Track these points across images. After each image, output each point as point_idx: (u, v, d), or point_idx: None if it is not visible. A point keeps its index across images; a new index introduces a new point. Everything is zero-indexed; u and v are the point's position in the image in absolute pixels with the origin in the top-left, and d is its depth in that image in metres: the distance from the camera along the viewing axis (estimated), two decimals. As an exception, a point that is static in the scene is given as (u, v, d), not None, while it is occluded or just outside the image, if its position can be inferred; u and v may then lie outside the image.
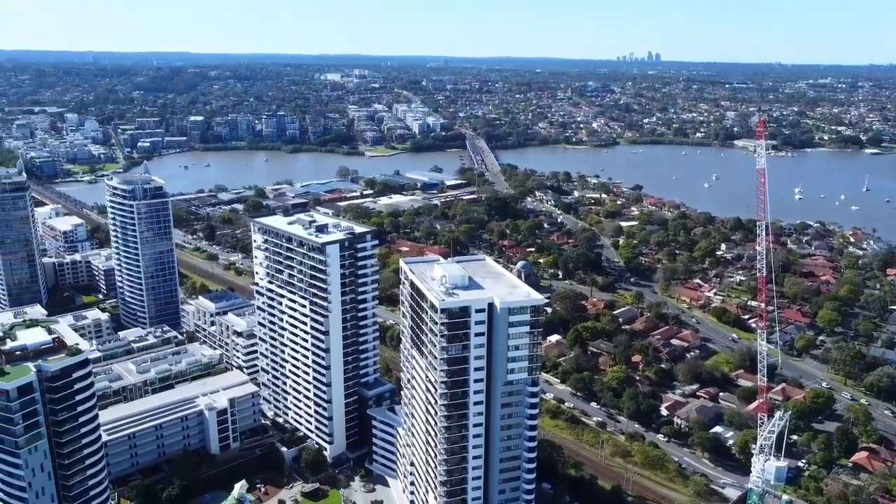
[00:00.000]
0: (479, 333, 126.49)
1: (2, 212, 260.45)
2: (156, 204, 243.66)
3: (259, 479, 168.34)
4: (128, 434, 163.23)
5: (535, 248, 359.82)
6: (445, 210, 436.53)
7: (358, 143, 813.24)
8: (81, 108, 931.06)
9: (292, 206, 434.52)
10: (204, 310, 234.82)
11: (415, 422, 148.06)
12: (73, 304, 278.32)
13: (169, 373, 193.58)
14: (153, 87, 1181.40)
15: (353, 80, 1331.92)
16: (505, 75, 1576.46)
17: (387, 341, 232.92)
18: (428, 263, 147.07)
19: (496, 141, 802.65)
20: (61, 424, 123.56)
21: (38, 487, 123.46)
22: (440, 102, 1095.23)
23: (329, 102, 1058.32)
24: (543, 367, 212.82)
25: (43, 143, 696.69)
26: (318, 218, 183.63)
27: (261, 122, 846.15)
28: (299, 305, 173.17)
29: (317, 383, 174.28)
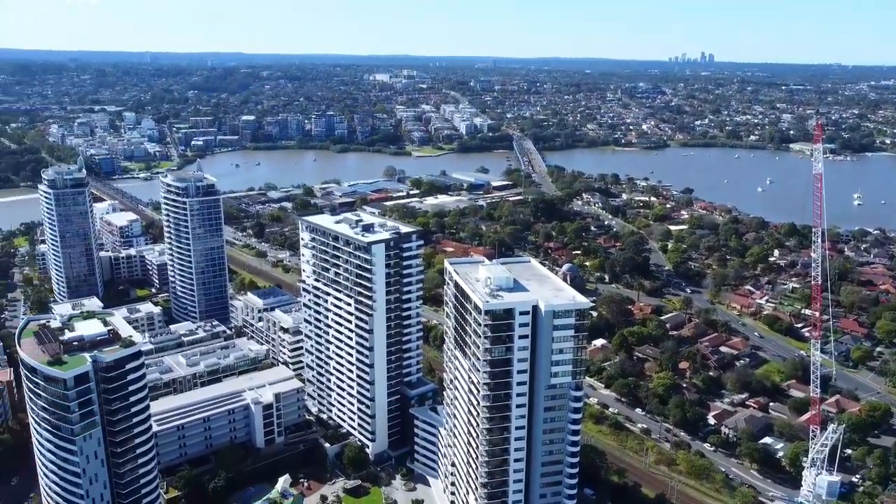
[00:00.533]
0: (523, 336, 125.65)
1: (63, 207, 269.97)
2: (208, 201, 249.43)
3: (302, 473, 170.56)
4: (177, 425, 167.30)
5: (582, 250, 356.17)
6: (491, 211, 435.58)
7: (405, 143, 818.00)
8: (139, 107, 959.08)
9: (339, 205, 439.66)
10: (252, 306, 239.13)
11: (457, 422, 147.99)
12: (127, 297, 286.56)
13: (217, 366, 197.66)
14: (207, 87, 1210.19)
15: (401, 80, 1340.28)
16: (554, 76, 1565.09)
17: (430, 341, 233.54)
18: (472, 264, 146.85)
19: (543, 142, 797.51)
20: (114, 414, 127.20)
21: (92, 474, 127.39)
22: (487, 103, 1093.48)
23: (377, 103, 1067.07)
24: (588, 372, 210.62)
25: (102, 141, 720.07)
26: (364, 217, 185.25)
27: (310, 122, 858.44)
28: (344, 303, 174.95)
29: (360, 381, 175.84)
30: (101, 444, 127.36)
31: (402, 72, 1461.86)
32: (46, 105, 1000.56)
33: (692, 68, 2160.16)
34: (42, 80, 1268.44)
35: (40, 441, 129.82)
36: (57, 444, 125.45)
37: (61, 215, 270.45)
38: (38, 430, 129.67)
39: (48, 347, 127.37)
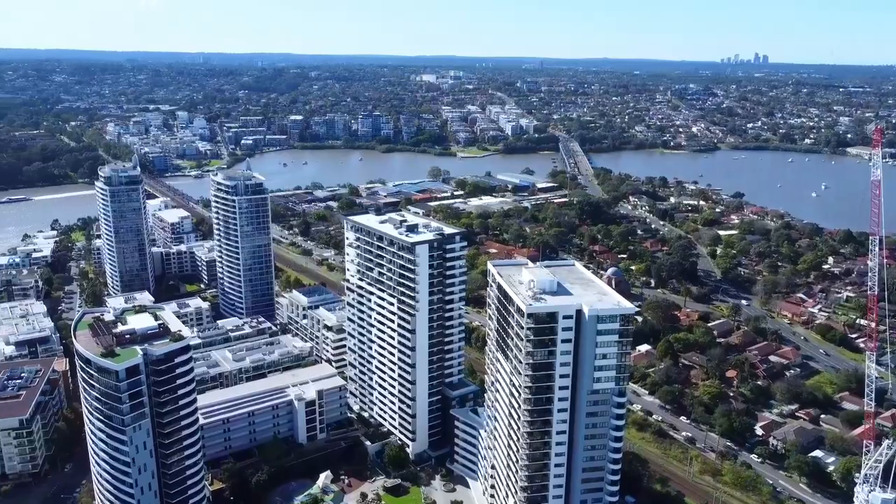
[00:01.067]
0: (566, 340, 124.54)
1: (117, 203, 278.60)
2: (256, 199, 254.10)
3: (343, 470, 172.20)
4: (223, 419, 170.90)
5: (628, 254, 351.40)
6: (536, 213, 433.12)
7: (450, 143, 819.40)
8: (191, 107, 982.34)
9: (384, 204, 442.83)
10: (297, 303, 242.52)
11: (497, 425, 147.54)
12: (177, 292, 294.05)
13: (262, 362, 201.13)
14: (257, 87, 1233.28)
15: (447, 81, 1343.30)
16: (602, 77, 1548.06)
17: (472, 342, 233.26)
18: (516, 267, 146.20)
19: (590, 144, 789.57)
20: (163, 406, 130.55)
21: (141, 463, 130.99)
22: (534, 104, 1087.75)
23: (423, 103, 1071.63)
24: (631, 378, 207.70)
25: (156, 140, 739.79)
26: (408, 218, 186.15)
27: (356, 122, 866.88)
28: (388, 303, 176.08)
29: (402, 381, 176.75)
30: (149, 435, 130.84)
31: (449, 72, 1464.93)
32: (104, 104, 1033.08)
33: (745, 69, 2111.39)
34: (100, 79, 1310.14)
35: (93, 430, 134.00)
36: (108, 433, 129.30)
37: (116, 211, 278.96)
38: (91, 419, 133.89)
39: (102, 340, 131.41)
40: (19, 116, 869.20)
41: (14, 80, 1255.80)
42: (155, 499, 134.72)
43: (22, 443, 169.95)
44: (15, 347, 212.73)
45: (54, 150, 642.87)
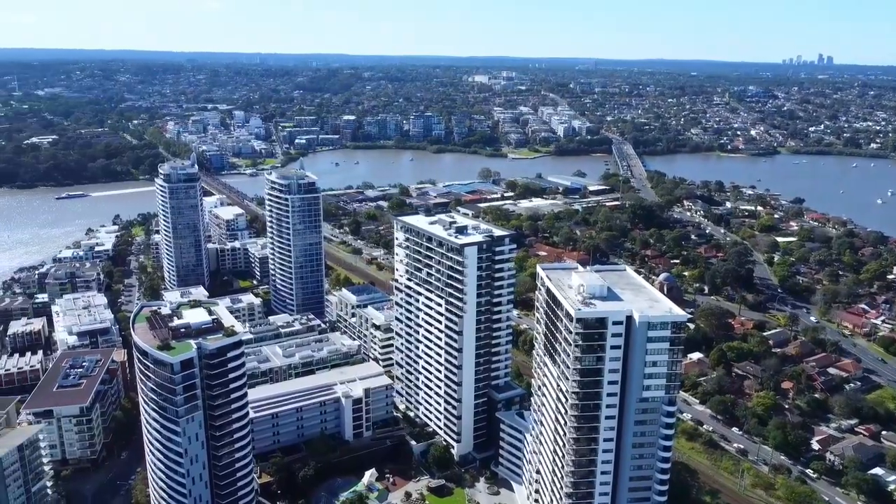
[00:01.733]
0: (616, 346, 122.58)
1: (175, 200, 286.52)
2: (308, 198, 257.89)
3: (388, 469, 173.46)
4: (272, 413, 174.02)
5: (681, 259, 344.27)
6: (587, 216, 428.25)
7: (501, 144, 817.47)
8: (248, 106, 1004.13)
9: (434, 205, 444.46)
10: (346, 301, 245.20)
11: (543, 429, 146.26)
12: (230, 287, 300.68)
13: (311, 359, 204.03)
14: (311, 87, 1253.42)
15: (499, 81, 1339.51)
16: (657, 78, 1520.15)
17: (519, 345, 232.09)
18: (566, 270, 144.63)
19: (644, 146, 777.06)
20: (215, 399, 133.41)
21: (193, 454, 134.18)
22: (587, 105, 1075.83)
23: (475, 104, 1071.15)
24: (682, 386, 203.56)
25: (213, 138, 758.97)
26: (458, 219, 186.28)
27: (408, 122, 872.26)
28: (435, 304, 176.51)
29: (448, 381, 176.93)
30: (202, 427, 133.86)
31: (501, 73, 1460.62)
32: (165, 103, 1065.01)
33: (808, 71, 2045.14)
34: (162, 79, 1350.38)
35: (148, 420, 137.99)
36: (163, 423, 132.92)
37: (174, 208, 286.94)
38: (146, 409, 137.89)
39: (158, 333, 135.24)
40: (86, 114, 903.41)
41: (82, 80, 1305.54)
42: (205, 489, 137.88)
43: (82, 430, 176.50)
44: (77, 337, 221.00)
45: (117, 148, 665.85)
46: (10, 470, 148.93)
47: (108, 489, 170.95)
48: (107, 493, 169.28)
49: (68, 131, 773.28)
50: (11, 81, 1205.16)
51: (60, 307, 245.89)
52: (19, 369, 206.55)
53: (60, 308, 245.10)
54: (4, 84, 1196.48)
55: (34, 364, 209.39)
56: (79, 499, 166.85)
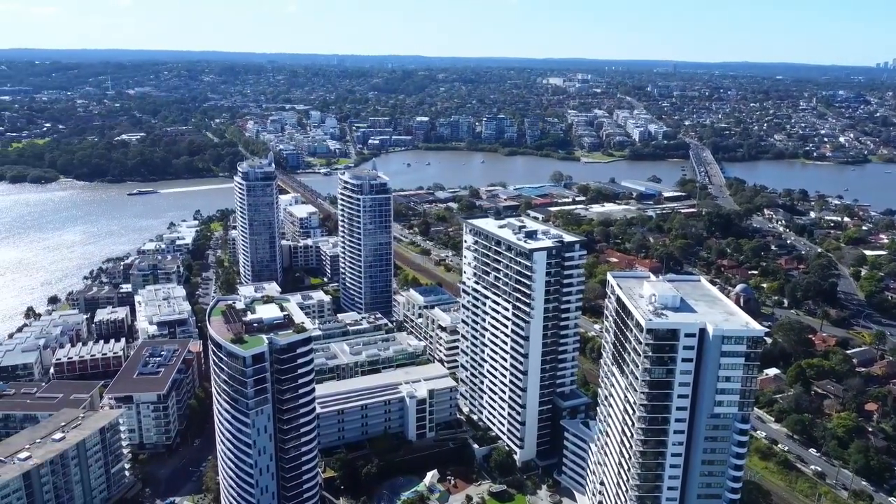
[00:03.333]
0: (687, 359, 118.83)
1: (253, 197, 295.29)
2: (379, 199, 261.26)
3: (449, 471, 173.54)
4: (337, 410, 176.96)
5: (759, 271, 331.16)
6: (661, 222, 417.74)
7: (574, 147, 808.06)
8: (324, 107, 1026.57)
9: (504, 207, 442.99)
10: (413, 302, 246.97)
11: (609, 440, 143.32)
12: (302, 284, 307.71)
13: (377, 357, 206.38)
14: (386, 89, 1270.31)
15: (574, 84, 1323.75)
16: (739, 82, 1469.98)
17: (587, 353, 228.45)
18: (637, 279, 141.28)
19: (724, 152, 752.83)
20: (284, 393, 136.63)
21: (261, 446, 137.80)
22: (664, 109, 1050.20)
23: (549, 106, 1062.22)
24: (757, 403, 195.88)
25: (290, 137, 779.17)
26: (527, 223, 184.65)
27: (481, 124, 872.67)
28: (502, 308, 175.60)
29: (513, 387, 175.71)
30: (270, 420, 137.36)
31: (577, 75, 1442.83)
32: (245, 103, 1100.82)
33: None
34: (244, 79, 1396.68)
35: (220, 410, 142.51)
36: (233, 414, 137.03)
37: (251, 205, 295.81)
38: (218, 399, 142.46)
39: (232, 327, 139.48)
40: (172, 113, 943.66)
41: (169, 80, 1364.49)
42: (272, 481, 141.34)
43: (158, 416, 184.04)
44: (157, 327, 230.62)
45: (199, 146, 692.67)
46: (92, 451, 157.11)
47: (181, 474, 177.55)
48: (179, 478, 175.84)
49: (155, 129, 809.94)
50: (106, 81, 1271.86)
51: (143, 297, 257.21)
52: (103, 355, 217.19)
53: (143, 298, 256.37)
54: (99, 84, 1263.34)
55: (117, 351, 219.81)
56: (154, 482, 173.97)
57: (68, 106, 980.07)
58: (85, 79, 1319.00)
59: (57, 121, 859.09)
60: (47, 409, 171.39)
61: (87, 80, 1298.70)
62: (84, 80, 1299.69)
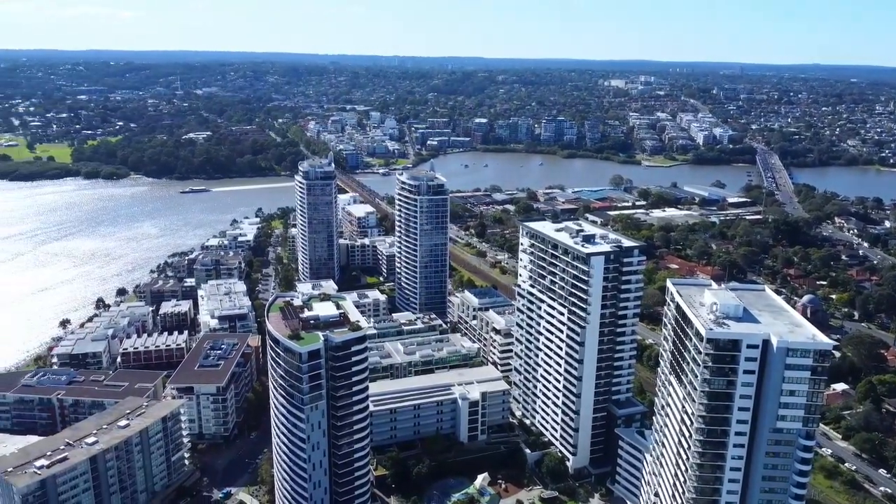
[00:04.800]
0: (749, 371, 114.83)
1: (312, 196, 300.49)
2: (436, 200, 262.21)
3: (500, 475, 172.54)
4: (390, 408, 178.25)
5: (828, 281, 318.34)
6: (724, 229, 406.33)
7: (635, 151, 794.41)
8: (384, 107, 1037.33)
9: (562, 211, 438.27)
10: (468, 303, 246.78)
11: (665, 451, 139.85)
12: (358, 282, 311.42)
13: (431, 358, 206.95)
14: (445, 90, 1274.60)
15: (637, 86, 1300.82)
16: (811, 85, 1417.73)
17: (644, 361, 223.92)
18: (698, 287, 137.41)
19: (792, 157, 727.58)
20: (338, 390, 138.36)
21: (315, 441, 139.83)
22: (730, 112, 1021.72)
23: (609, 109, 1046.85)
24: (822, 419, 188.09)
25: (350, 138, 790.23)
26: (585, 227, 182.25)
27: (540, 126, 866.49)
28: (558, 312, 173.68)
29: (566, 392, 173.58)
30: (324, 416, 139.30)
31: (640, 78, 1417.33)
32: (308, 103, 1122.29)
33: None
34: (306, 80, 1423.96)
35: (276, 404, 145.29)
36: (289, 409, 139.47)
37: (311, 203, 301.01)
38: (275, 393, 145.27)
39: (290, 323, 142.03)
40: (237, 113, 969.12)
41: (235, 80, 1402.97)
42: (324, 476, 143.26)
43: (217, 408, 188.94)
44: (218, 321, 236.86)
45: (262, 145, 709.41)
46: (154, 439, 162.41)
47: (237, 466, 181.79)
48: (236, 469, 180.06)
49: (221, 128, 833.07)
50: (175, 81, 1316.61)
51: (205, 292, 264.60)
52: (167, 347, 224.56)
53: (205, 292, 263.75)
54: (169, 84, 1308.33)
55: (180, 343, 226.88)
56: (211, 472, 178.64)
57: (140, 105, 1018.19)
58: (156, 79, 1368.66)
59: (129, 119, 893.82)
60: (114, 396, 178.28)
61: (158, 81, 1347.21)
62: (155, 81, 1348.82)
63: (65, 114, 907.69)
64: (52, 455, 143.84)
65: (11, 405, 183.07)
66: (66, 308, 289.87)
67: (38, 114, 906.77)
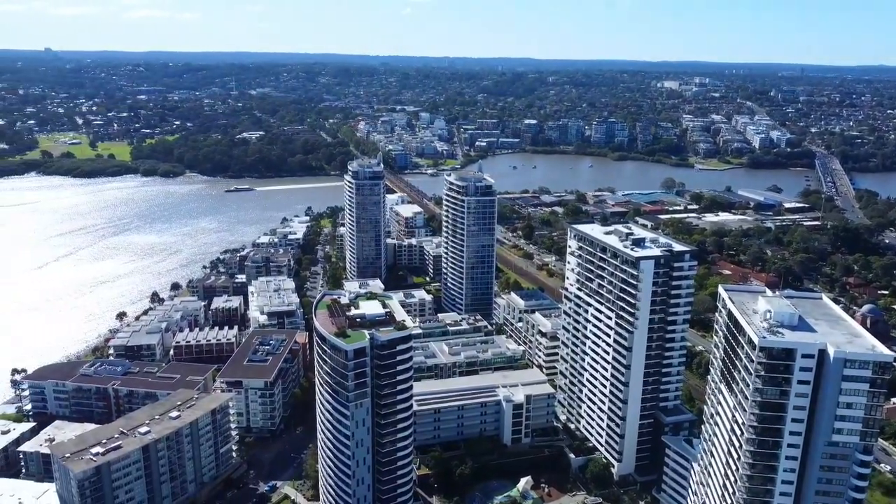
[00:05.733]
0: (804, 381, 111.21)
1: (361, 196, 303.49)
2: (484, 201, 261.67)
3: (544, 479, 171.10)
4: (434, 408, 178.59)
5: (890, 291, 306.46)
6: (780, 234, 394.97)
7: (688, 154, 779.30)
8: (433, 108, 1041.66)
9: (611, 213, 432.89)
10: (514, 305, 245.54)
11: (713, 461, 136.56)
12: (404, 282, 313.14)
13: (476, 359, 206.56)
14: (495, 91, 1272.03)
15: (691, 88, 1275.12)
16: (875, 87, 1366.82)
17: (693, 368, 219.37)
18: (751, 293, 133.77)
19: (854, 162, 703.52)
20: (383, 388, 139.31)
21: (359, 438, 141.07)
22: (789, 115, 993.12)
23: (662, 111, 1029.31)
24: (882, 433, 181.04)
25: (399, 138, 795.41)
26: (635, 231, 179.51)
27: (590, 128, 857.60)
28: (605, 317, 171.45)
29: (613, 398, 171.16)
30: (368, 414, 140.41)
31: (694, 79, 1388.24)
32: (358, 104, 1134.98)
33: None
34: (357, 81, 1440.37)
35: (322, 401, 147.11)
36: (334, 406, 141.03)
37: (359, 203, 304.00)
38: (321, 390, 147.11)
39: (336, 321, 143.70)
40: (289, 113, 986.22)
41: (288, 81, 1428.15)
42: (368, 473, 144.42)
43: (265, 402, 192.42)
44: (267, 317, 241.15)
45: (313, 145, 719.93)
46: (203, 430, 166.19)
47: (283, 460, 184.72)
48: (281, 463, 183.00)
49: (273, 128, 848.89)
50: (230, 82, 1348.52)
51: (255, 288, 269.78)
52: (217, 341, 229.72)
53: (255, 289, 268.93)
54: (224, 84, 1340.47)
55: (230, 338, 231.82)
56: (258, 465, 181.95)
57: (196, 105, 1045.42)
58: (212, 80, 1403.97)
59: (186, 119, 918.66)
60: (166, 388, 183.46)
61: (214, 81, 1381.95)
62: (211, 81, 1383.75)
63: (125, 113, 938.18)
64: (107, 443, 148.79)
65: (70, 393, 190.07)
66: (123, 301, 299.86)
67: (101, 113, 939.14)
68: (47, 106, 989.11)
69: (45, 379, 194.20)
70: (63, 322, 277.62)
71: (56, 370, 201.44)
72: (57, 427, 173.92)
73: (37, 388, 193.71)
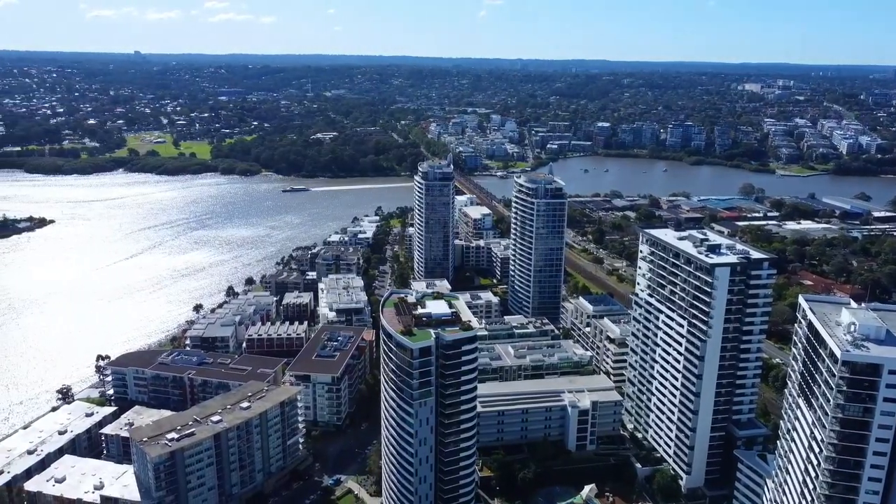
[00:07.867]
0: (890, 399, 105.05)
1: (430, 197, 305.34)
2: (554, 204, 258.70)
3: (608, 487, 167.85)
4: (498, 411, 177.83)
5: None
6: (867, 244, 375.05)
7: (769, 159, 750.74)
8: (504, 110, 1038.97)
9: (685, 219, 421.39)
10: (582, 310, 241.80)
11: (788, 479, 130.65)
12: (471, 284, 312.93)
13: (542, 363, 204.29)
14: (568, 93, 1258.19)
15: (774, 91, 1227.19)
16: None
17: (769, 381, 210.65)
18: (834, 305, 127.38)
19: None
20: (447, 388, 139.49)
21: (423, 437, 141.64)
22: (881, 120, 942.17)
23: (742, 114, 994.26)
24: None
25: (469, 140, 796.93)
26: (710, 236, 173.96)
27: (665, 131, 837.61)
28: (677, 324, 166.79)
29: (683, 408, 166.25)
30: (432, 413, 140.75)
31: (777, 82, 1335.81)
32: (430, 105, 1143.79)
33: None
34: (429, 83, 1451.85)
35: (387, 397, 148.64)
36: (399, 403, 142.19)
37: (428, 204, 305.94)
38: (386, 387, 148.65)
39: (403, 319, 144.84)
40: (362, 114, 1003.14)
41: (362, 83, 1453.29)
42: (430, 472, 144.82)
43: (332, 397, 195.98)
44: (336, 314, 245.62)
45: (385, 145, 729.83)
46: (272, 422, 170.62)
47: (348, 454, 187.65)
48: (346, 458, 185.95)
49: (346, 129, 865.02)
50: (306, 83, 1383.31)
51: (325, 285, 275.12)
52: (288, 336, 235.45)
53: (325, 286, 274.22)
54: (301, 86, 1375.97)
55: (300, 333, 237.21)
56: (323, 458, 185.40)
57: (273, 106, 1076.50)
58: (289, 81, 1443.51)
59: (263, 119, 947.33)
60: (238, 379, 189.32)
61: (291, 83, 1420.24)
62: (288, 83, 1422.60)
63: (206, 113, 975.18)
64: (181, 429, 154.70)
65: (149, 381, 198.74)
66: (201, 294, 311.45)
67: (184, 113, 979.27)
68: (135, 106, 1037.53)
69: (126, 366, 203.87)
70: (146, 311, 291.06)
71: (137, 358, 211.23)
72: (136, 412, 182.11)
73: (119, 374, 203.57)
